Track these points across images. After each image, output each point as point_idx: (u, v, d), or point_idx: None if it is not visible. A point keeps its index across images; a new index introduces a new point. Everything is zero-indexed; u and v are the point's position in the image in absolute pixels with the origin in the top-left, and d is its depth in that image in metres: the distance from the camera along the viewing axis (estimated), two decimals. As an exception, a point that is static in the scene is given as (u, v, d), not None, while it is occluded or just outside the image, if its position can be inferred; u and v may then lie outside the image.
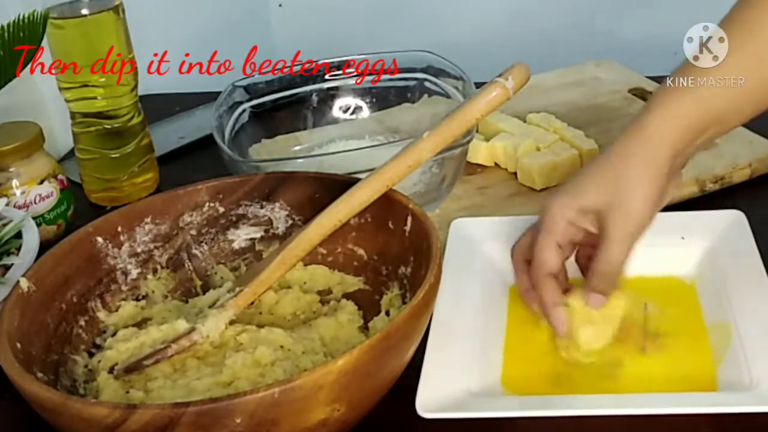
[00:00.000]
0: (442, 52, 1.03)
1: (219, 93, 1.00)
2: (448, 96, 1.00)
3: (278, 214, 0.83)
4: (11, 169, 0.94)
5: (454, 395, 0.69)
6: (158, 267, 0.81)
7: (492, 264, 0.83)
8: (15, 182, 0.94)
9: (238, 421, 0.58)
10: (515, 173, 0.98)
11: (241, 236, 0.83)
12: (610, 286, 0.73)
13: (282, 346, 0.71)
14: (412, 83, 1.06)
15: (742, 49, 0.71)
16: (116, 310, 0.78)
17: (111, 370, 0.72)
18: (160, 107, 1.22)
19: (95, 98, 1.00)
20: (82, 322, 0.76)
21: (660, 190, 0.72)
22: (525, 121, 1.03)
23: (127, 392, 0.70)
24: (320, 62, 1.07)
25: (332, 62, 1.08)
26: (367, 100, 1.08)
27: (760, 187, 0.95)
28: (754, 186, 0.95)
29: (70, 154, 1.10)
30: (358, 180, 0.76)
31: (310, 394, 0.59)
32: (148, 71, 1.06)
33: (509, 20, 1.45)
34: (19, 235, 0.83)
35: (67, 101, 1.01)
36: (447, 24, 1.46)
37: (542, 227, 0.74)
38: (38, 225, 0.88)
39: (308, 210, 0.80)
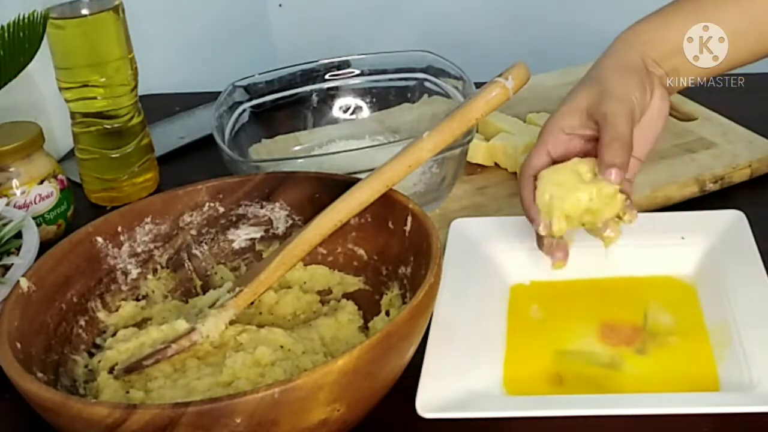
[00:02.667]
0: (442, 52, 1.03)
1: (219, 93, 1.00)
2: (448, 96, 1.00)
3: (278, 214, 0.83)
4: (11, 169, 0.94)
5: (454, 395, 0.69)
6: (158, 267, 0.81)
7: (492, 264, 0.83)
8: (15, 182, 0.94)
9: (238, 421, 0.58)
10: (515, 173, 0.98)
11: (241, 236, 0.83)
12: (623, 156, 0.72)
13: (282, 346, 0.71)
14: (412, 83, 1.06)
15: None
16: (116, 310, 0.78)
17: (111, 370, 0.72)
18: (160, 107, 1.22)
19: (95, 98, 1.00)
20: (82, 322, 0.76)
21: (640, 80, 0.76)
22: (525, 121, 1.03)
23: (127, 392, 0.70)
24: (320, 62, 1.07)
25: (332, 62, 1.08)
26: (367, 100, 1.08)
27: (760, 187, 0.95)
28: (754, 186, 0.95)
29: (70, 154, 1.10)
30: (358, 180, 0.76)
31: (310, 394, 0.59)
32: (148, 71, 1.06)
33: (509, 20, 1.45)
34: (19, 235, 0.83)
35: (67, 101, 1.01)
36: (447, 24, 1.46)
37: (536, 140, 0.77)
38: (38, 225, 0.88)
39: (308, 210, 0.80)
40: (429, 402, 0.68)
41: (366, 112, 1.08)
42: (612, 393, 0.70)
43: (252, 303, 0.76)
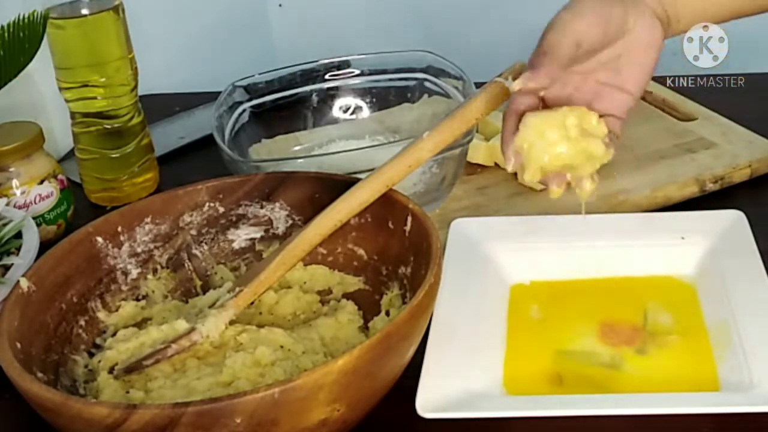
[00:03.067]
0: (442, 52, 1.03)
1: (219, 93, 1.00)
2: (448, 96, 1.00)
3: (278, 214, 0.83)
4: (11, 169, 0.94)
5: (454, 395, 0.69)
6: (158, 267, 0.81)
7: (492, 264, 0.83)
8: (15, 182, 0.94)
9: (238, 421, 0.58)
10: (515, 174, 0.97)
11: (241, 236, 0.83)
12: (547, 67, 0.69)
13: (282, 346, 0.71)
14: (412, 83, 1.06)
15: None
16: (116, 310, 0.78)
17: (111, 370, 0.72)
18: (160, 107, 1.22)
19: (95, 98, 1.00)
20: (82, 322, 0.76)
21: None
22: (525, 121, 1.03)
23: (127, 392, 0.70)
24: (320, 62, 1.07)
25: (332, 62, 1.08)
26: (367, 100, 1.08)
27: (760, 187, 0.95)
28: (754, 186, 0.95)
29: (70, 154, 1.10)
30: (358, 180, 0.76)
31: (310, 394, 0.59)
32: (148, 71, 1.06)
33: (509, 20, 1.45)
34: (19, 235, 0.83)
35: (67, 101, 1.01)
36: (447, 24, 1.46)
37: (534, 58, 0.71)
38: (38, 225, 0.88)
39: (308, 210, 0.80)
40: (429, 402, 0.68)
41: (366, 112, 1.08)
42: (612, 393, 0.70)
43: (252, 303, 0.76)
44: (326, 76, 1.08)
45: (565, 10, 0.71)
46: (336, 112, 1.08)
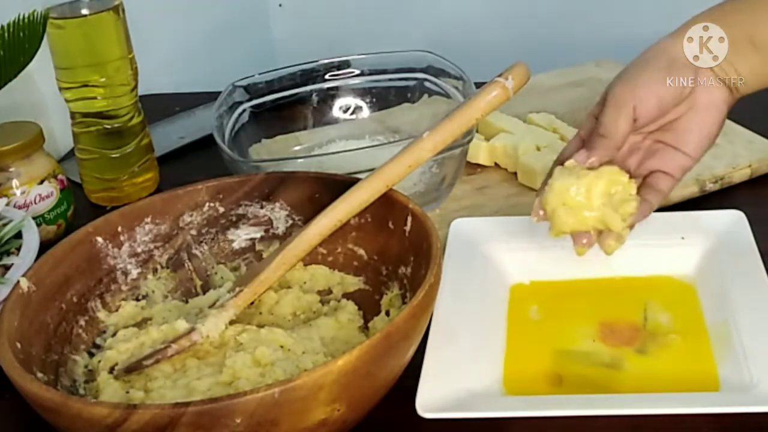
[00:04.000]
0: (442, 52, 1.03)
1: (219, 93, 1.00)
2: (448, 96, 1.00)
3: (278, 214, 0.83)
4: (11, 169, 0.94)
5: (454, 395, 0.69)
6: (158, 267, 0.81)
7: (492, 264, 0.83)
8: (15, 182, 0.94)
9: (238, 421, 0.58)
10: (515, 173, 0.98)
11: (241, 236, 0.83)
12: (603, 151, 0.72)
13: (282, 346, 0.71)
14: (412, 83, 1.06)
15: None
16: (116, 310, 0.78)
17: (111, 370, 0.72)
18: (160, 107, 1.22)
19: (95, 98, 1.00)
20: (82, 322, 0.76)
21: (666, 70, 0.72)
22: (525, 121, 1.03)
23: (128, 392, 0.70)
24: (320, 62, 1.07)
25: (332, 62, 1.08)
26: (367, 100, 1.08)
27: (760, 187, 0.95)
28: (754, 186, 0.95)
29: (70, 154, 1.10)
30: (358, 180, 0.76)
31: (310, 394, 0.59)
32: (148, 71, 1.06)
33: (509, 20, 1.45)
34: (19, 235, 0.83)
35: (67, 101, 1.01)
36: (447, 24, 1.46)
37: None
38: (38, 225, 0.88)
39: (308, 210, 0.80)
40: (429, 402, 0.68)
41: (366, 112, 1.08)
42: (612, 393, 0.70)
43: (252, 303, 0.76)
44: (326, 76, 1.08)
45: (623, 84, 0.73)
46: (336, 112, 1.08)
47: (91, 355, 0.75)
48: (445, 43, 1.22)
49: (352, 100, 1.08)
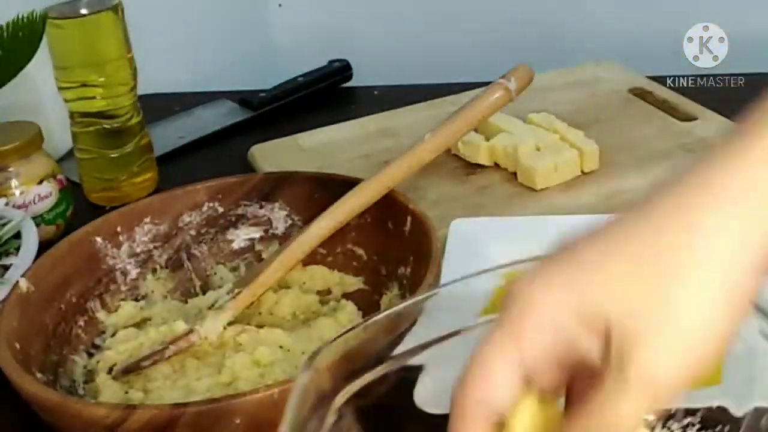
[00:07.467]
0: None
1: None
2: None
3: (278, 214, 0.83)
4: (10, 169, 0.94)
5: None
6: (157, 267, 0.81)
7: (492, 264, 0.82)
8: (14, 182, 0.94)
9: (238, 421, 0.58)
10: (515, 173, 0.97)
11: (240, 236, 0.83)
12: None
13: (281, 347, 0.71)
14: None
15: None
16: (115, 311, 0.78)
17: (110, 371, 0.72)
18: (160, 107, 1.22)
19: (94, 98, 1.00)
20: (82, 323, 0.76)
21: (742, 296, 0.44)
22: (525, 121, 1.03)
23: (127, 393, 0.70)
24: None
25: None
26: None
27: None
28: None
29: (70, 154, 1.10)
30: (358, 180, 0.75)
31: (309, 395, 0.59)
32: (148, 71, 1.06)
33: (509, 20, 1.45)
34: (18, 235, 0.83)
35: (66, 101, 1.01)
36: (447, 24, 1.46)
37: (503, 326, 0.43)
38: (37, 225, 0.88)
39: (308, 210, 0.80)
40: (429, 400, 0.67)
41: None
42: (612, 393, 0.70)
43: (251, 303, 0.75)
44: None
45: None
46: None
47: (91, 355, 0.75)
48: (445, 43, 1.22)
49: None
